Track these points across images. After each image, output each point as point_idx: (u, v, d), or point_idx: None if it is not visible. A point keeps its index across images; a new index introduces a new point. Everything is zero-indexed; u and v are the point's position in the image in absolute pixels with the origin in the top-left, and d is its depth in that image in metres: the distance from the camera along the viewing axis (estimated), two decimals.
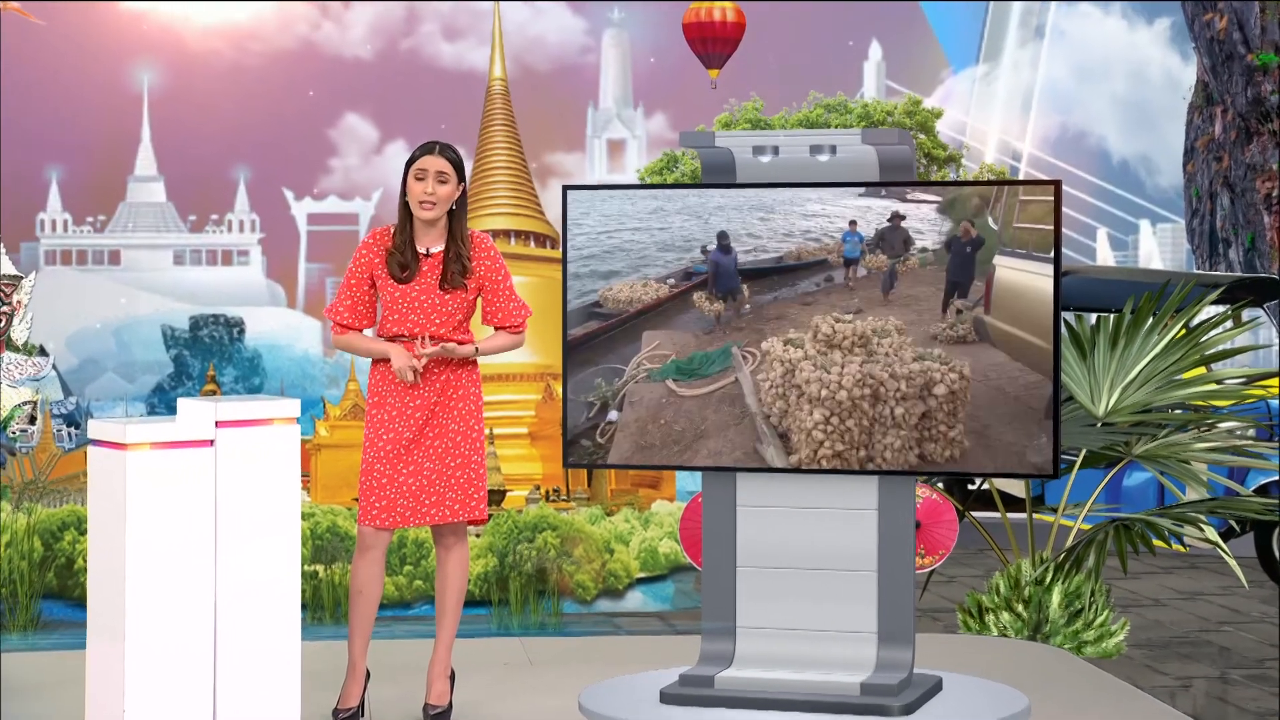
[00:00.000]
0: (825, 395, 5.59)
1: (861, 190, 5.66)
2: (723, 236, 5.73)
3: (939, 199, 5.61)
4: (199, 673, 5.10)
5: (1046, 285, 5.45)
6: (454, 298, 5.58)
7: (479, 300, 5.70)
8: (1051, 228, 5.45)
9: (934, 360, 5.53)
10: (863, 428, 5.58)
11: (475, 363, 5.72)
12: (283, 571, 5.26)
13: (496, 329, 5.72)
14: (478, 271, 5.61)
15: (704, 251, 5.76)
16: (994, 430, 5.50)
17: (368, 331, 5.75)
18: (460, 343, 5.61)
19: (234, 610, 5.16)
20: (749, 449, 5.69)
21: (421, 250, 5.59)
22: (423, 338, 5.54)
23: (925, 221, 5.59)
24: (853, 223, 5.65)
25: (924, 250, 5.57)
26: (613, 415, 5.82)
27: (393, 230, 5.62)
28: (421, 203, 5.53)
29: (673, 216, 5.81)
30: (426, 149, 5.59)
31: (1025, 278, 5.49)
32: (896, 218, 5.60)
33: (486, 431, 5.81)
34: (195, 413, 5.15)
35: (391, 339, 5.62)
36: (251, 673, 5.19)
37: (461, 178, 5.61)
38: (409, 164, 5.58)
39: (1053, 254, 5.44)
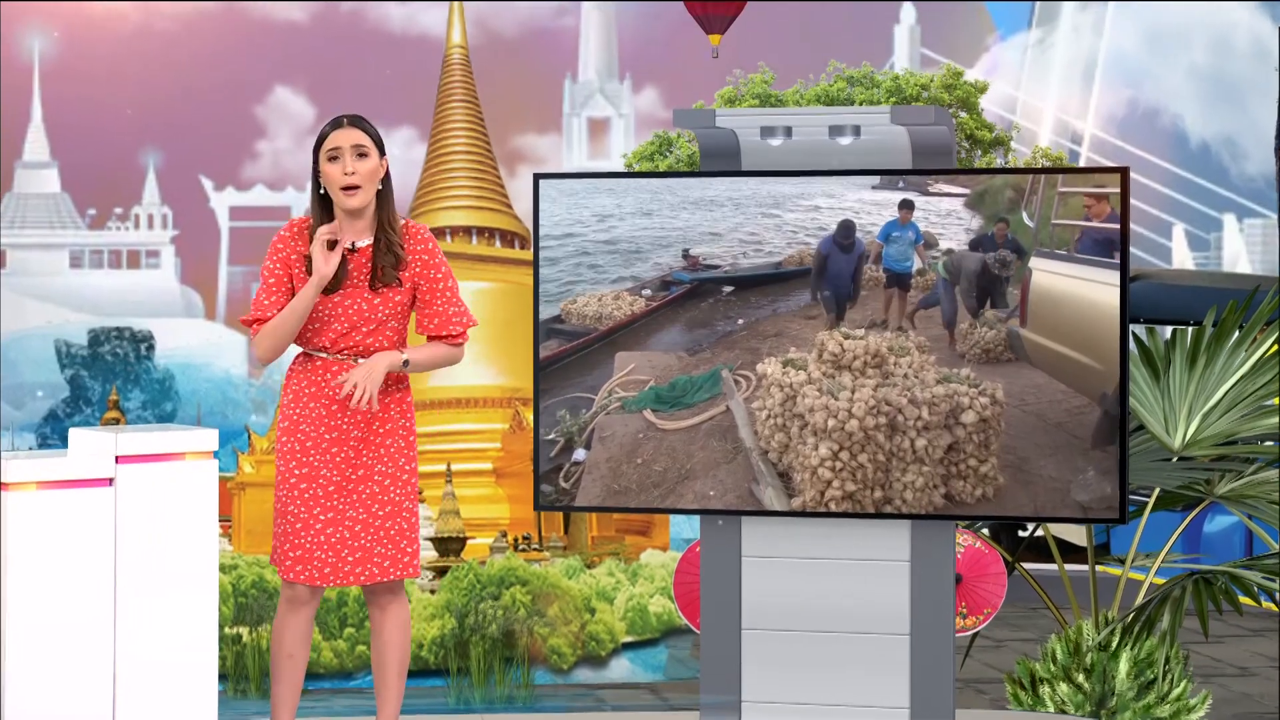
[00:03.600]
0: (833, 426, 5.58)
1: (875, 182, 5.65)
2: (845, 230, 5.64)
3: (966, 191, 5.60)
4: None
5: (1102, 292, 5.44)
6: (385, 299, 5.57)
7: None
8: (1118, 224, 5.44)
9: (961, 382, 5.52)
10: (878, 464, 5.57)
11: (407, 386, 5.70)
12: (196, 635, 5.23)
13: (431, 339, 5.70)
14: (413, 266, 5.61)
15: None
16: (1033, 464, 5.50)
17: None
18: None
19: (137, 682, 5.13)
20: (743, 491, 5.67)
21: (346, 245, 5.58)
22: (341, 380, 5.52)
23: (946, 216, 5.58)
24: (907, 204, 5.60)
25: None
26: (579, 455, 5.78)
27: (310, 230, 5.60)
28: (344, 188, 5.52)
29: (663, 211, 5.80)
30: (333, 124, 5.59)
31: (1068, 283, 5.48)
32: (1005, 225, 5.54)
33: (443, 467, 5.80)
34: (91, 445, 5.13)
35: (312, 351, 5.60)
36: None
37: (383, 152, 5.61)
38: (317, 147, 5.58)
39: (1119, 255, 5.44)
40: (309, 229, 5.61)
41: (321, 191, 5.59)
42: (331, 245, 5.52)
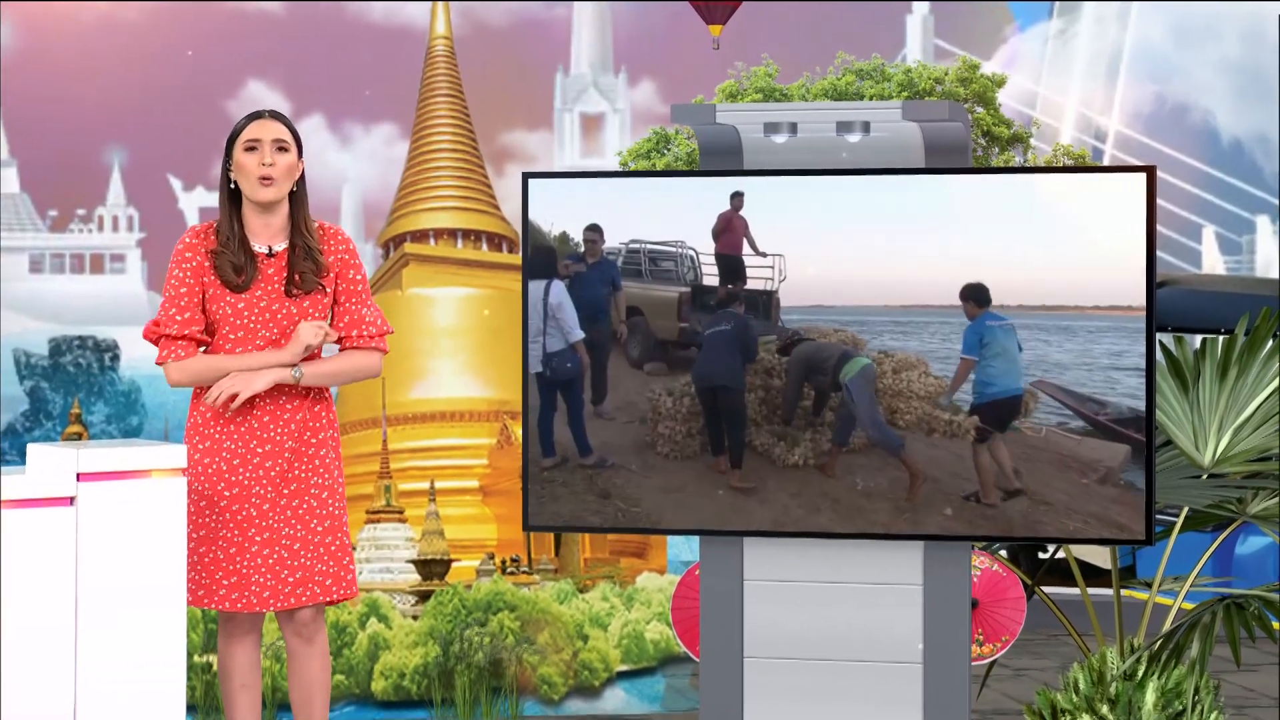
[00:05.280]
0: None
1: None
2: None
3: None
4: None
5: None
6: (311, 304, 5.57)
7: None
8: (1144, 228, 5.44)
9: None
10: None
11: (329, 395, 5.69)
12: (163, 664, 5.22)
13: (345, 345, 5.69)
14: (334, 268, 5.62)
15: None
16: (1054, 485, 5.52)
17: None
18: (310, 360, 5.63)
19: (100, 715, 5.11)
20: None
21: (261, 249, 5.59)
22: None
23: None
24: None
25: None
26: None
27: (216, 229, 5.61)
28: (261, 178, 5.53)
29: (662, 212, 5.79)
30: (253, 116, 5.62)
31: None
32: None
33: (426, 485, 5.80)
34: (51, 462, 5.12)
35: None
36: None
37: (301, 152, 5.63)
38: (232, 139, 5.59)
39: (1145, 260, 5.44)
40: (214, 233, 5.61)
41: (233, 185, 5.59)
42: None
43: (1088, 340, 5.49)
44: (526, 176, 5.88)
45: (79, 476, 5.11)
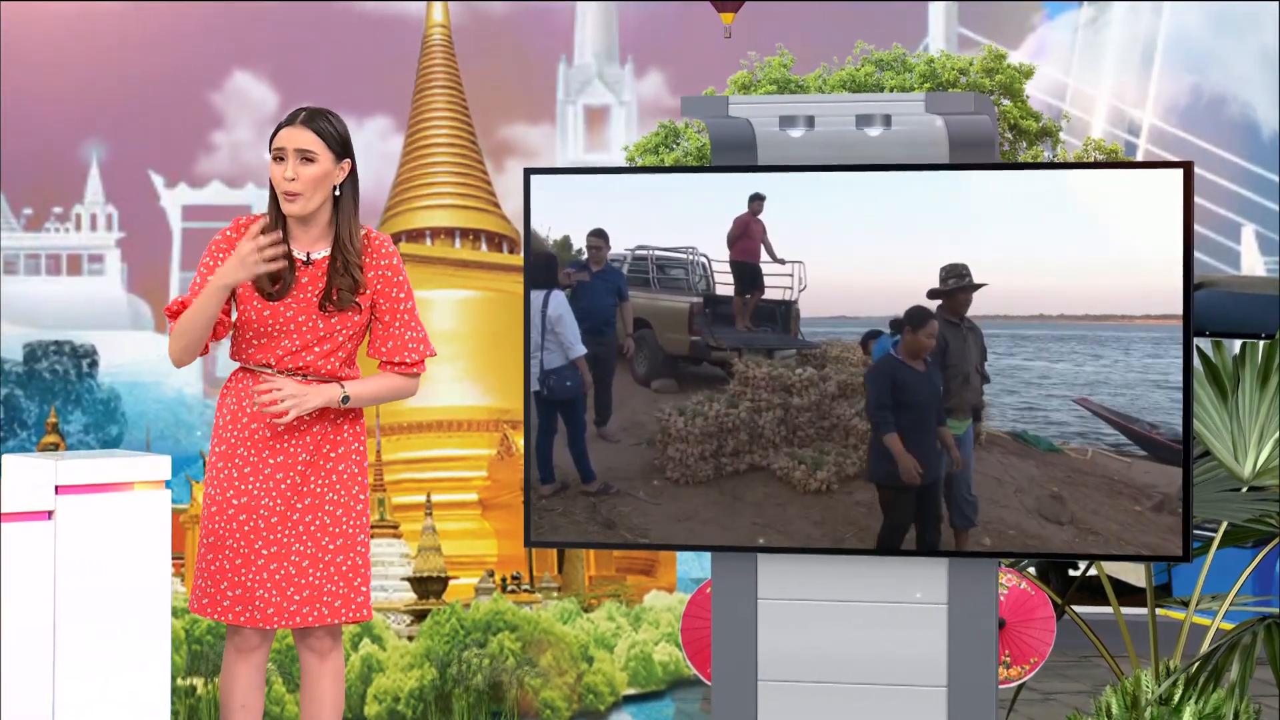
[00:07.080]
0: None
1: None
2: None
3: None
4: None
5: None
6: (340, 321, 5.56)
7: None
8: (1180, 227, 5.45)
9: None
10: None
11: (356, 409, 5.69)
12: (146, 687, 5.23)
13: (383, 366, 5.68)
14: (374, 283, 5.60)
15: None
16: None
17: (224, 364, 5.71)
18: (339, 379, 5.60)
19: None
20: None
21: (300, 256, 5.58)
22: (264, 381, 5.50)
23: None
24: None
25: None
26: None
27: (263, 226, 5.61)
28: (284, 192, 5.52)
29: (671, 213, 5.79)
30: (289, 118, 5.59)
31: None
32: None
33: (422, 498, 5.79)
34: (28, 474, 5.13)
35: (255, 368, 5.59)
36: None
37: (344, 154, 5.59)
38: (272, 138, 5.60)
39: (1182, 260, 5.44)
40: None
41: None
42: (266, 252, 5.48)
43: (1125, 351, 5.49)
44: (528, 173, 5.89)
45: (57, 489, 5.12)
